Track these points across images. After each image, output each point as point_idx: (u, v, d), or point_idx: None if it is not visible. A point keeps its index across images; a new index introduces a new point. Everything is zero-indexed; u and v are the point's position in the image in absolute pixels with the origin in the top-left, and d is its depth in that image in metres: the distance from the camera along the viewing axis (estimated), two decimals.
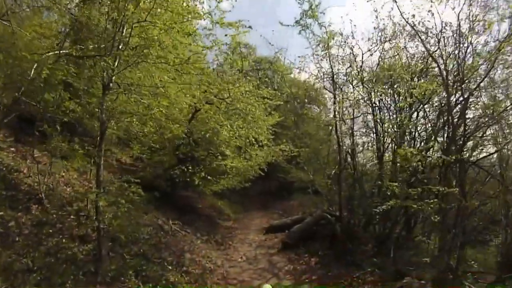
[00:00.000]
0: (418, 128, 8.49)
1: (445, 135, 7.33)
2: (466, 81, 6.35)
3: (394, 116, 8.24)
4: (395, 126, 7.73)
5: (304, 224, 8.47)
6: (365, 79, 8.51)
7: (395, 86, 8.39)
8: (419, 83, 6.87)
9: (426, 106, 8.18)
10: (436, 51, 6.64)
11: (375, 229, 7.98)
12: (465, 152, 6.52)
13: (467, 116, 6.71)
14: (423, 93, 7.23)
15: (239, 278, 6.38)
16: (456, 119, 6.47)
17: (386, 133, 8.04)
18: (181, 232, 8.40)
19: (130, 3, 4.75)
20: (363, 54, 8.52)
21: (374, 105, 8.59)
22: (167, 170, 10.12)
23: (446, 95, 6.36)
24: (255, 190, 16.73)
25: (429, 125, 8.12)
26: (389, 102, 8.63)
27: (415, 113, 8.49)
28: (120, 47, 5.35)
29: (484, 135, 7.13)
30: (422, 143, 8.03)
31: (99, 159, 5.47)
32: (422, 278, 5.71)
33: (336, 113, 7.73)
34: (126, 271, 5.48)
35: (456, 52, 6.23)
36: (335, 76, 8.29)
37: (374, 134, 8.53)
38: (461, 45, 6.25)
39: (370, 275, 6.33)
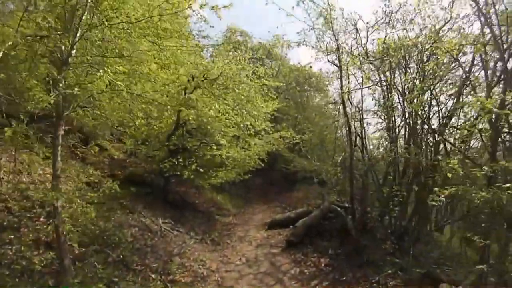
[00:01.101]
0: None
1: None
2: None
3: (407, 93, 7.02)
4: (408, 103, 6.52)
5: (310, 218, 7.31)
6: (370, 54, 7.27)
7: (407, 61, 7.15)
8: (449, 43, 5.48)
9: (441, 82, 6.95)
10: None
11: (391, 222, 6.82)
12: None
13: None
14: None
15: (236, 286, 5.28)
16: None
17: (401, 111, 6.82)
18: (172, 232, 7.31)
19: None
20: (368, 28, 7.24)
21: (383, 82, 7.37)
22: (158, 164, 9.00)
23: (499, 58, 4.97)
24: (257, 182, 15.58)
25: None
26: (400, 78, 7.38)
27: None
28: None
29: None
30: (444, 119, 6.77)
31: (55, 149, 4.32)
32: (458, 284, 4.57)
33: (344, 87, 6.50)
34: (95, 284, 4.41)
35: None
36: (340, 49, 7.03)
37: (385, 113, 7.31)
38: None
39: (392, 279, 5.20)
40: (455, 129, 6.08)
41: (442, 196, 4.07)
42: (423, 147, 6.46)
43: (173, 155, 8.56)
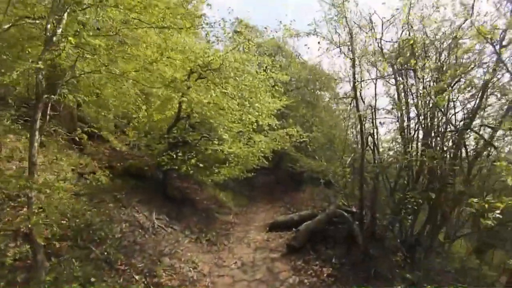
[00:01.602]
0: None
1: None
2: None
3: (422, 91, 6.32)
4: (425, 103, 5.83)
5: (314, 222, 6.70)
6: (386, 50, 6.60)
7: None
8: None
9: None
10: None
11: (403, 230, 6.13)
12: None
13: None
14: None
15: None
16: None
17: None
18: (166, 230, 6.85)
19: None
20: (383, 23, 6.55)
21: (399, 78, 6.67)
22: (157, 157, 8.58)
23: None
24: (262, 180, 15.06)
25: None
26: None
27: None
28: None
29: None
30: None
31: (32, 135, 3.89)
32: None
33: (357, 76, 5.84)
34: (68, 283, 3.96)
35: None
36: (353, 39, 6.38)
37: (400, 112, 6.61)
38: None
39: None
40: (489, 129, 5.31)
41: (497, 211, 3.22)
42: (441, 150, 5.76)
43: (172, 149, 8.11)
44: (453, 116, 6.29)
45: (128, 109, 9.42)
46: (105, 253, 5.03)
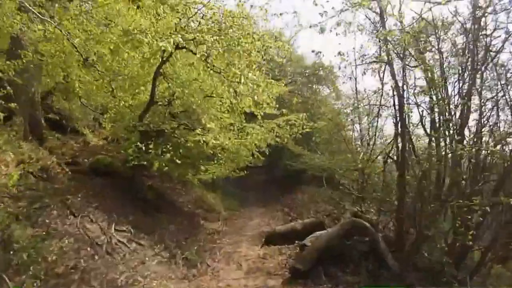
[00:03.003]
0: None
1: None
2: None
3: None
4: None
5: (326, 236, 4.91)
6: None
7: None
8: None
9: None
10: None
11: (443, 245, 4.42)
12: None
13: None
14: None
15: None
16: None
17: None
18: (128, 246, 5.03)
19: None
20: None
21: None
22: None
23: None
24: (256, 180, 13.22)
25: None
26: None
27: None
28: None
29: None
30: None
31: None
32: None
33: (390, 44, 4.15)
34: None
35: None
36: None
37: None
38: None
39: None
40: None
41: None
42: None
43: (145, 139, 6.30)
44: None
45: (100, 96, 7.78)
46: (24, 285, 3.25)
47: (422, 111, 4.60)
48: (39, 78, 7.04)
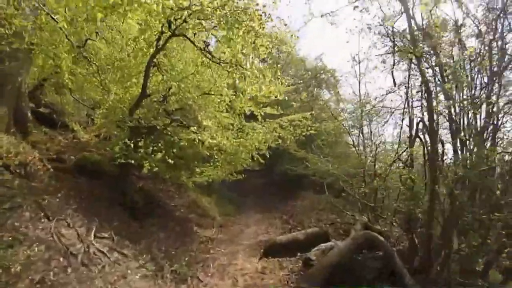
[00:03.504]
0: None
1: None
2: None
3: None
4: None
5: (336, 252, 4.27)
6: None
7: None
8: None
9: None
10: None
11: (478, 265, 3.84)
12: None
13: None
14: None
15: None
16: None
17: None
18: (109, 256, 4.37)
19: None
20: None
21: None
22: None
23: None
24: (253, 184, 12.54)
25: None
26: None
27: None
28: None
29: None
30: None
31: None
32: None
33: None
34: None
35: None
36: None
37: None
38: None
39: None
40: None
41: None
42: None
43: (135, 136, 5.69)
44: None
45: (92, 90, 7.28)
46: None
47: (450, 112, 4.05)
48: (28, 68, 6.50)
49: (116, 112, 6.48)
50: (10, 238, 3.67)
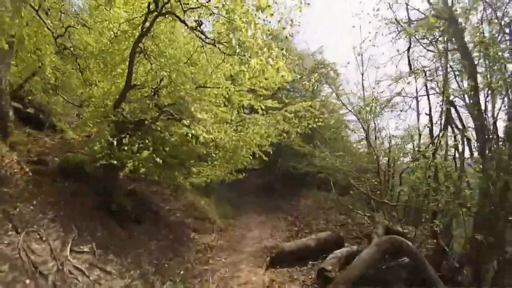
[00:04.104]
0: None
1: None
2: None
3: None
4: None
5: (360, 262, 3.56)
6: None
7: None
8: None
9: None
10: None
11: None
12: None
13: None
14: None
15: None
16: None
17: None
18: (88, 275, 3.67)
19: None
20: None
21: None
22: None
23: None
24: (253, 182, 11.79)
25: None
26: None
27: None
28: None
29: None
30: None
31: None
32: None
33: None
34: None
35: None
36: None
37: None
38: None
39: None
40: None
41: None
42: None
43: (120, 133, 4.97)
44: None
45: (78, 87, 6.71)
46: None
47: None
48: (8, 63, 5.82)
49: (103, 107, 5.76)
50: None
